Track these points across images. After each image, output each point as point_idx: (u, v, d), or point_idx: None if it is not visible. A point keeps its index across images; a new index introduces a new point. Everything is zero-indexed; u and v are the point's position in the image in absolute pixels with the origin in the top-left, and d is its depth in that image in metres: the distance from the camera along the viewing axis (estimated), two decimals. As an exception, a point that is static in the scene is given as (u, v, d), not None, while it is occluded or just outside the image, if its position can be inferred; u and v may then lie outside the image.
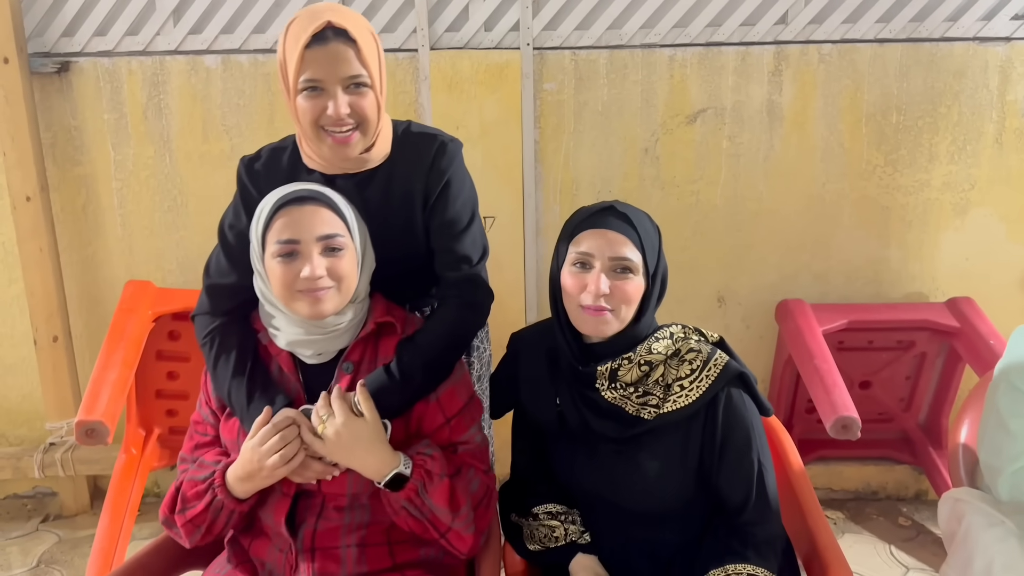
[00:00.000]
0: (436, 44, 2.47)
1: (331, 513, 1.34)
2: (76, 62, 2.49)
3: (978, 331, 2.37)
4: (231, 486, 1.31)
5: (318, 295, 1.29)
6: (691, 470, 1.35)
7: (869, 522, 2.61)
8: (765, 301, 2.63)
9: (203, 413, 1.44)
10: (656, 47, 2.47)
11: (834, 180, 2.54)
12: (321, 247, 1.29)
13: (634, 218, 1.34)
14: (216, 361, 1.39)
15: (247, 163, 1.52)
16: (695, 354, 1.36)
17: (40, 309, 2.56)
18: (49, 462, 2.60)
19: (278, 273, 1.29)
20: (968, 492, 1.52)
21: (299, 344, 1.35)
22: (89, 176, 2.57)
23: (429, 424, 1.38)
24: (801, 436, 2.67)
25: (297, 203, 1.31)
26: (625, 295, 1.31)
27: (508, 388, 1.51)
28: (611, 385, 1.36)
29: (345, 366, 1.36)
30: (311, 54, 1.34)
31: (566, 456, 1.43)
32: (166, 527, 1.41)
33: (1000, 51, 2.45)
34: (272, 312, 1.36)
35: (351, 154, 1.41)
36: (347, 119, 1.37)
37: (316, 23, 1.33)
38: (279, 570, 1.35)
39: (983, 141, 2.50)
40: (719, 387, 1.33)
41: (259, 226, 1.32)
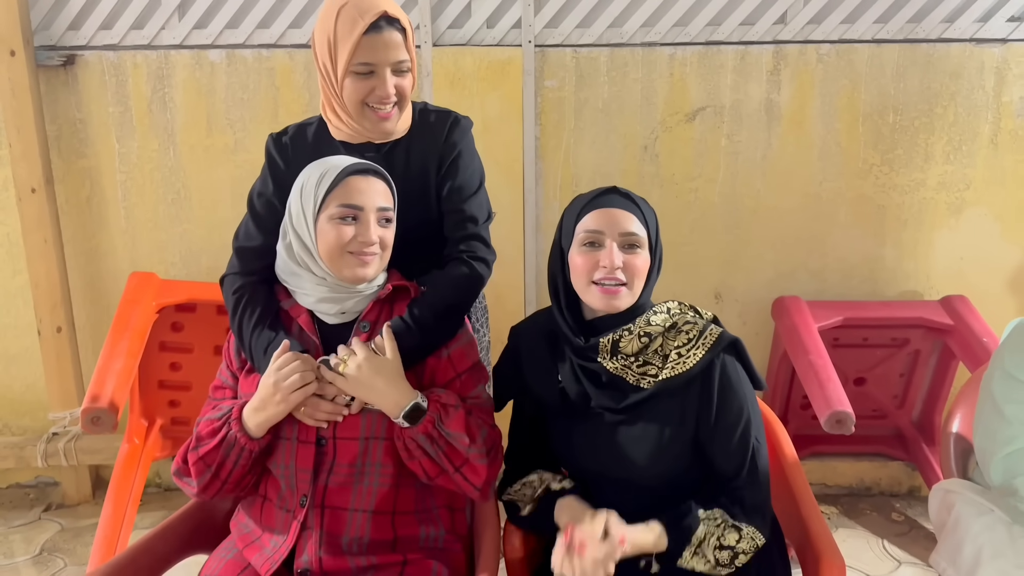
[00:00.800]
0: (439, 41, 2.50)
1: (342, 469, 1.37)
2: (82, 55, 2.51)
3: (972, 329, 2.40)
4: (246, 421, 1.37)
5: (365, 259, 1.39)
6: (688, 437, 1.39)
7: (863, 517, 2.64)
8: (762, 298, 2.66)
9: (223, 378, 1.51)
10: (656, 46, 2.50)
11: (831, 179, 2.57)
12: (378, 217, 1.40)
13: (635, 198, 1.42)
14: (241, 315, 1.47)
15: (275, 138, 1.65)
16: (691, 325, 1.41)
17: (44, 300, 2.59)
18: (52, 451, 2.62)
19: (333, 234, 1.38)
20: (958, 483, 1.55)
21: (325, 301, 1.42)
22: (94, 168, 2.60)
23: (441, 377, 1.45)
24: (796, 432, 2.70)
25: (363, 174, 1.41)
26: (636, 269, 1.37)
27: (512, 375, 1.54)
28: (613, 356, 1.40)
29: (362, 324, 1.43)
30: (368, 40, 1.46)
31: (566, 433, 1.47)
32: (176, 477, 1.45)
33: (996, 52, 2.48)
34: (299, 272, 1.43)
35: (391, 128, 1.55)
36: (393, 98, 1.51)
37: (373, 12, 1.46)
38: (284, 529, 1.38)
39: (978, 141, 2.53)
40: (715, 353, 1.38)
41: (320, 188, 1.39)
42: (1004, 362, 1.51)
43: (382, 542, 1.39)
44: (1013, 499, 1.45)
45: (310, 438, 1.38)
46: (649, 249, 1.40)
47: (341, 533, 1.37)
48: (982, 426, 1.53)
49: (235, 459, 1.38)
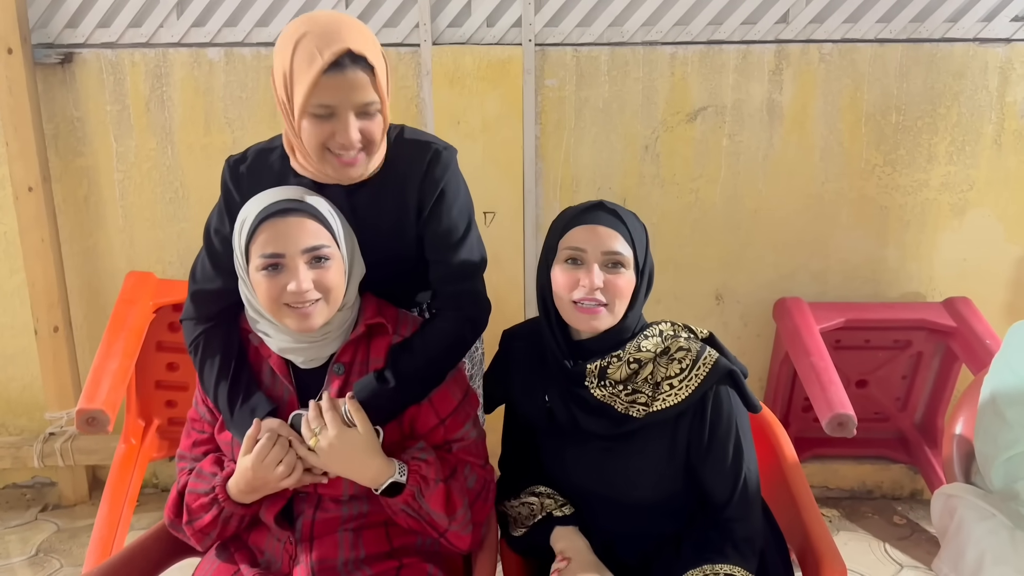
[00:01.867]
0: (438, 39, 2.48)
1: (329, 504, 1.35)
2: (79, 53, 2.50)
3: (975, 331, 2.38)
4: (235, 497, 1.32)
5: (306, 311, 1.27)
6: (679, 465, 1.36)
7: (864, 520, 2.62)
8: (763, 299, 2.64)
9: (200, 411, 1.44)
10: (657, 45, 2.48)
11: (833, 179, 2.55)
12: (307, 259, 1.26)
13: (622, 214, 1.36)
14: (202, 366, 1.38)
15: (232, 165, 1.46)
16: (684, 352, 1.35)
17: (41, 299, 2.57)
18: (48, 452, 2.61)
19: (264, 287, 1.27)
20: (960, 487, 1.53)
21: (289, 351, 1.34)
22: (91, 167, 2.58)
23: (423, 425, 1.38)
24: (797, 434, 2.68)
25: (280, 215, 1.27)
26: (618, 289, 1.32)
27: (500, 383, 1.52)
28: (600, 383, 1.36)
29: (336, 367, 1.35)
30: (327, 80, 1.25)
31: (556, 452, 1.44)
32: (172, 530, 1.42)
33: (1000, 52, 2.46)
34: (258, 319, 1.35)
35: (355, 175, 1.36)
36: (356, 144, 1.32)
37: (333, 48, 1.24)
38: (277, 559, 1.36)
39: (982, 142, 2.51)
40: (708, 385, 1.33)
41: (242, 238, 1.29)
42: (1008, 364, 1.49)
43: (378, 554, 1.36)
44: (1015, 503, 1.43)
45: (285, 492, 1.34)
46: (636, 268, 1.35)
47: (335, 557, 1.34)
48: (983, 430, 1.51)
49: (236, 524, 1.37)
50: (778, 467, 1.60)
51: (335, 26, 1.27)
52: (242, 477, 1.30)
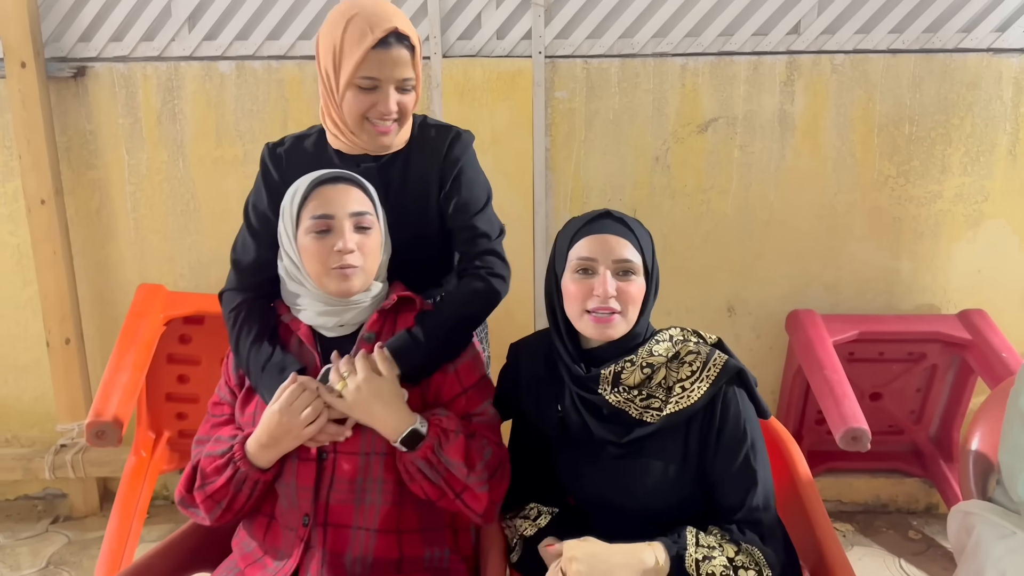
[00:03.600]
0: (449, 52, 2.49)
1: (342, 485, 1.35)
2: (92, 67, 2.52)
3: (990, 344, 2.35)
4: (252, 456, 1.35)
5: (347, 272, 1.36)
6: (692, 468, 1.36)
7: (879, 535, 2.59)
8: (775, 311, 2.62)
9: (221, 394, 1.49)
10: (668, 56, 2.47)
11: (846, 190, 2.54)
12: (353, 223, 1.37)
13: (629, 222, 1.38)
14: (239, 332, 1.46)
15: (271, 148, 1.61)
16: (694, 355, 1.37)
17: (53, 311, 2.58)
18: (60, 463, 2.61)
19: (312, 249, 1.36)
20: (978, 504, 1.50)
21: (324, 315, 1.41)
22: (103, 180, 2.59)
23: (447, 393, 1.43)
24: (811, 447, 2.66)
25: (331, 182, 1.39)
26: (630, 296, 1.34)
27: (509, 396, 1.51)
28: (614, 389, 1.36)
29: (367, 336, 1.41)
30: (375, 55, 1.43)
31: (569, 463, 1.43)
32: (182, 507, 1.44)
33: (1014, 62, 2.44)
34: (296, 291, 1.43)
35: (388, 143, 1.52)
36: (394, 114, 1.48)
37: (384, 27, 1.42)
38: (287, 549, 1.36)
39: (996, 153, 2.49)
40: (719, 385, 1.34)
41: (294, 204, 1.39)
42: None
43: (387, 561, 1.36)
44: None
45: (311, 455, 1.36)
46: (645, 274, 1.36)
47: (344, 552, 1.35)
48: (1010, 442, 1.49)
49: (248, 493, 1.37)
50: (791, 482, 1.58)
51: (383, 8, 1.45)
52: (266, 426, 1.34)
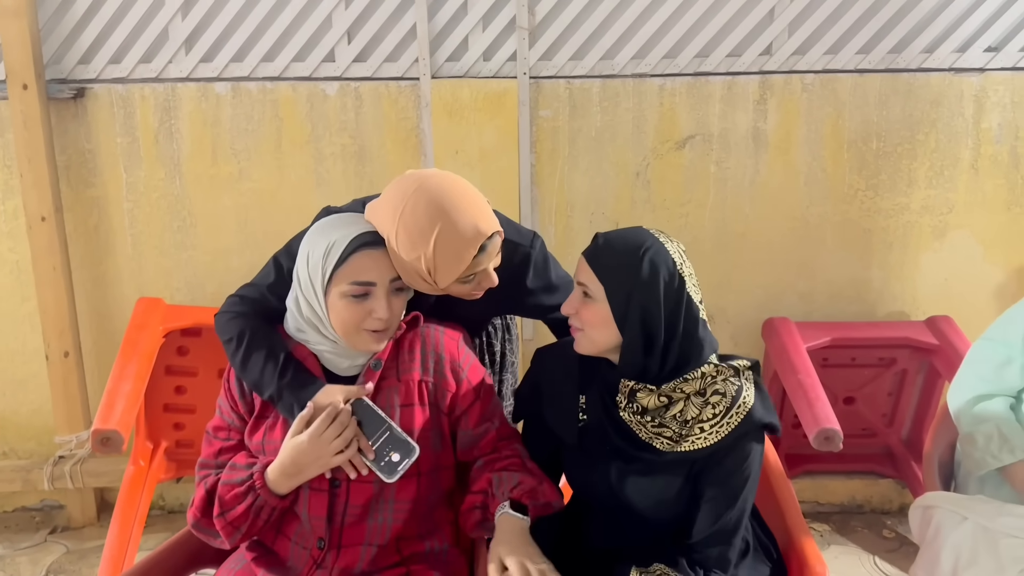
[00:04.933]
0: (437, 73, 2.59)
1: (355, 510, 1.40)
2: (91, 88, 2.60)
3: (956, 348, 2.46)
4: (273, 484, 1.37)
5: (379, 335, 1.37)
6: (692, 492, 1.41)
7: (854, 534, 2.69)
8: (752, 319, 2.72)
9: (226, 419, 1.48)
10: (647, 77, 2.59)
11: (817, 203, 2.65)
12: (391, 288, 1.37)
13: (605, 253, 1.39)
14: (248, 353, 1.42)
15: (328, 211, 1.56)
16: (720, 397, 1.37)
17: (52, 325, 2.64)
18: (58, 475, 2.66)
19: (346, 313, 1.35)
20: (936, 496, 1.61)
21: (335, 356, 1.42)
22: (101, 197, 2.67)
23: (462, 405, 1.47)
24: (788, 451, 2.75)
25: (373, 246, 1.36)
26: (583, 319, 1.39)
27: (530, 399, 1.55)
28: (628, 405, 1.40)
29: (374, 364, 1.43)
30: (476, 260, 1.39)
31: (579, 467, 1.48)
32: (196, 530, 1.45)
33: (974, 81, 2.57)
34: (307, 329, 1.42)
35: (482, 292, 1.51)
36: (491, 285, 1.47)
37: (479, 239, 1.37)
38: (300, 565, 1.42)
39: (960, 167, 2.62)
40: (738, 434, 1.36)
41: (329, 261, 1.35)
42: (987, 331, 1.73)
43: (389, 564, 1.44)
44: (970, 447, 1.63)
45: (323, 486, 1.39)
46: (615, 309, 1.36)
47: (354, 566, 1.41)
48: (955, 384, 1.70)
49: (266, 518, 1.39)
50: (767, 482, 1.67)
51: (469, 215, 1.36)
52: (292, 454, 1.34)
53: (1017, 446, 1.59)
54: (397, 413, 1.41)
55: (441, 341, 1.49)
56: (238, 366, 1.44)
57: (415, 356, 1.46)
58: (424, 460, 1.41)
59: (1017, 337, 1.69)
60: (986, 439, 1.62)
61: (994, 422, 1.63)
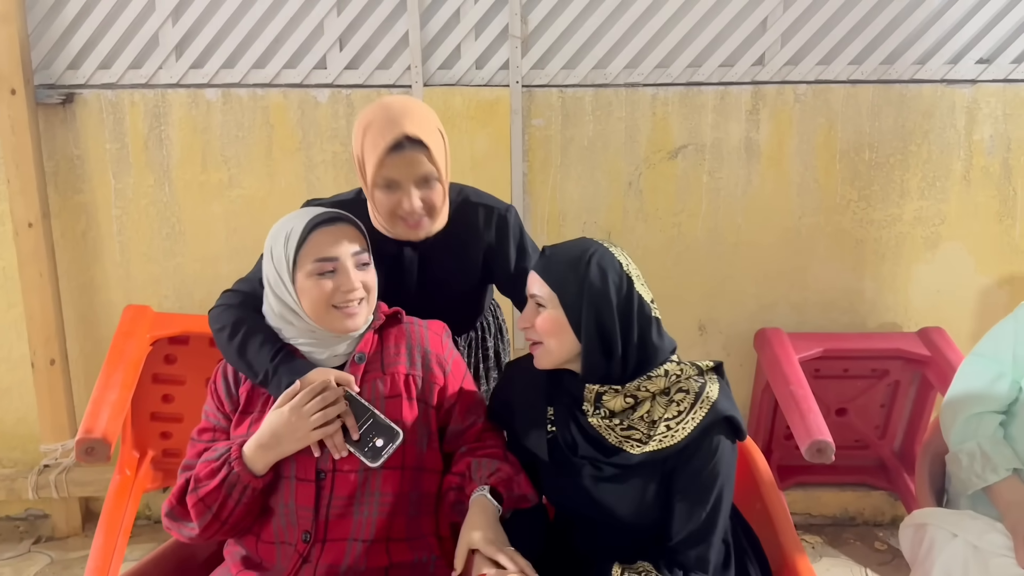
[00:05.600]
0: (429, 81, 2.58)
1: (339, 502, 1.39)
2: (80, 94, 2.58)
3: (948, 360, 2.45)
4: (249, 459, 1.37)
5: (351, 310, 1.41)
6: (664, 495, 1.41)
7: (846, 546, 2.68)
8: (744, 330, 2.72)
9: (212, 421, 1.48)
10: (639, 86, 2.58)
11: (810, 214, 2.65)
12: (355, 262, 1.41)
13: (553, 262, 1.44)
14: (243, 339, 1.45)
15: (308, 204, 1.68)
16: (683, 395, 1.40)
17: (39, 332, 2.62)
18: (43, 483, 2.63)
19: (315, 291, 1.39)
20: (927, 513, 1.60)
21: (316, 347, 1.45)
22: (90, 204, 2.65)
23: (449, 398, 1.50)
24: (780, 462, 2.74)
25: (329, 223, 1.42)
26: (538, 327, 1.43)
27: (500, 414, 1.57)
28: (596, 411, 1.42)
29: (357, 356, 1.46)
30: (389, 159, 1.53)
31: (552, 476, 1.48)
32: (169, 520, 1.43)
33: (966, 93, 2.57)
34: (284, 327, 1.45)
35: (421, 236, 1.62)
36: (419, 211, 1.58)
37: (394, 134, 1.52)
38: (286, 564, 1.40)
39: (951, 178, 2.62)
40: (704, 428, 1.37)
41: (290, 247, 1.40)
42: (977, 346, 1.72)
43: (376, 569, 1.41)
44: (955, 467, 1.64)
45: (309, 475, 1.39)
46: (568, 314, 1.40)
47: (340, 563, 1.39)
48: (946, 402, 1.70)
49: (237, 498, 1.37)
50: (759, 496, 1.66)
51: (395, 113, 1.54)
52: (269, 424, 1.36)
53: (1000, 465, 1.58)
54: (383, 404, 1.43)
55: (425, 336, 1.53)
56: (233, 351, 1.47)
57: (400, 351, 1.49)
58: (409, 454, 1.43)
59: (1007, 352, 1.68)
60: (969, 458, 1.62)
61: (977, 441, 1.62)
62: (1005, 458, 1.59)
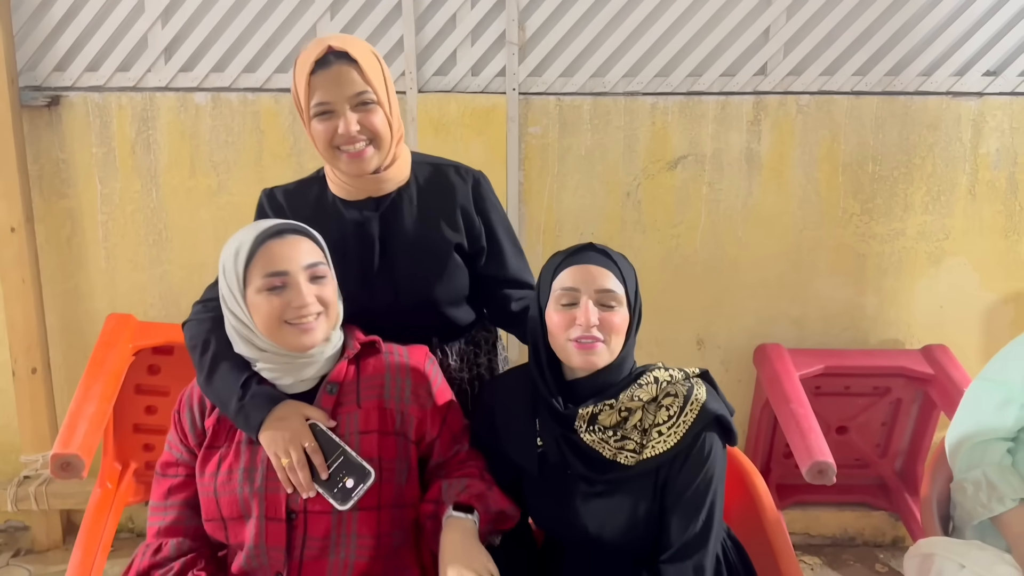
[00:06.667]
0: (424, 87, 2.52)
1: (315, 543, 1.34)
2: (66, 96, 2.52)
3: (952, 379, 2.40)
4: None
5: (307, 326, 1.32)
6: (658, 508, 1.39)
7: (846, 568, 2.62)
8: (743, 345, 2.66)
9: (175, 454, 1.43)
10: (638, 95, 2.53)
11: (811, 227, 2.59)
12: (308, 275, 1.33)
13: (612, 254, 1.40)
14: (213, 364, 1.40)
15: (269, 193, 1.61)
16: (672, 399, 1.38)
17: (20, 340, 2.56)
18: (23, 495, 2.57)
19: (265, 307, 1.31)
20: (934, 543, 1.55)
21: (280, 372, 1.37)
22: (75, 208, 2.59)
23: (430, 433, 1.44)
24: (779, 480, 2.68)
25: (278, 236, 1.34)
26: (613, 326, 1.35)
27: (482, 436, 1.51)
28: (590, 428, 1.38)
29: (329, 387, 1.38)
30: (316, 79, 1.43)
31: (541, 496, 1.45)
32: None
33: (972, 105, 2.52)
34: (247, 348, 1.37)
35: (367, 169, 1.48)
36: (358, 136, 1.45)
37: (318, 50, 1.43)
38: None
39: (956, 192, 2.57)
40: (696, 430, 1.35)
41: (239, 262, 1.33)
42: (985, 369, 1.66)
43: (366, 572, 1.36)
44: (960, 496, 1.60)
45: (279, 514, 1.33)
46: (628, 306, 1.38)
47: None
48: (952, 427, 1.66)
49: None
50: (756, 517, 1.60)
51: (323, 37, 1.46)
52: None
53: (1007, 495, 1.53)
54: (356, 440, 1.36)
55: (406, 365, 1.45)
56: (203, 376, 1.41)
57: (378, 382, 1.41)
58: (387, 492, 1.36)
59: (1017, 376, 1.62)
60: (975, 487, 1.58)
61: (982, 469, 1.58)
62: (1012, 488, 1.53)
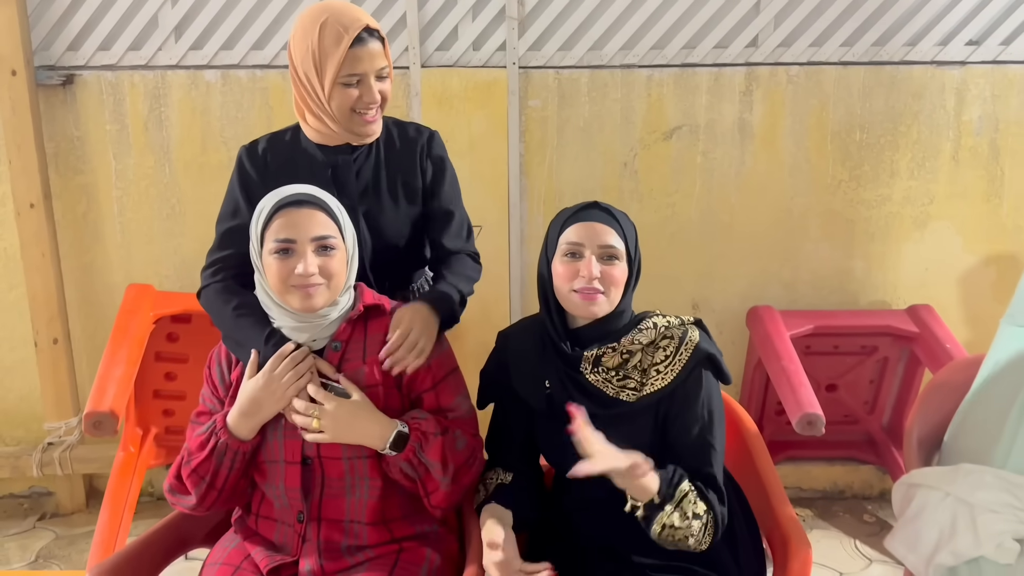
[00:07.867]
0: (427, 62, 2.60)
1: (333, 483, 1.45)
2: (80, 75, 2.59)
3: (936, 336, 2.50)
4: (233, 428, 1.43)
5: (309, 290, 1.41)
6: (659, 443, 1.49)
7: (836, 519, 2.74)
8: (737, 308, 2.76)
9: (208, 404, 1.54)
10: (634, 67, 2.61)
11: (802, 194, 2.69)
12: (315, 246, 1.42)
13: (615, 212, 1.52)
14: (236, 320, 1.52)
15: (249, 149, 1.73)
16: (668, 340, 1.50)
17: (41, 312, 2.65)
18: (47, 461, 2.67)
19: (274, 268, 1.42)
20: (919, 474, 1.62)
21: (295, 330, 1.47)
22: (90, 185, 2.67)
23: (420, 385, 1.51)
24: (771, 437, 2.79)
25: (295, 205, 1.43)
26: (613, 278, 1.47)
27: (498, 378, 1.62)
28: (594, 369, 1.50)
29: (334, 345, 1.48)
30: (353, 53, 1.56)
31: (551, 434, 1.54)
32: (170, 495, 1.51)
33: (956, 74, 2.61)
34: (268, 304, 1.48)
35: (375, 130, 1.67)
36: (378, 101, 1.63)
37: (357, 26, 1.57)
38: (288, 543, 1.46)
39: (941, 158, 2.66)
40: (691, 367, 1.47)
41: (259, 224, 1.44)
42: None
43: (380, 544, 1.47)
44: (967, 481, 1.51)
45: (295, 458, 1.44)
46: (628, 260, 1.49)
47: (340, 540, 1.45)
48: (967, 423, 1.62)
49: (229, 465, 1.43)
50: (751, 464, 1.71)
51: (350, 8, 1.60)
52: (246, 393, 1.43)
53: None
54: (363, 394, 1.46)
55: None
56: (228, 331, 1.53)
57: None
58: None
59: None
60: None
61: None
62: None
